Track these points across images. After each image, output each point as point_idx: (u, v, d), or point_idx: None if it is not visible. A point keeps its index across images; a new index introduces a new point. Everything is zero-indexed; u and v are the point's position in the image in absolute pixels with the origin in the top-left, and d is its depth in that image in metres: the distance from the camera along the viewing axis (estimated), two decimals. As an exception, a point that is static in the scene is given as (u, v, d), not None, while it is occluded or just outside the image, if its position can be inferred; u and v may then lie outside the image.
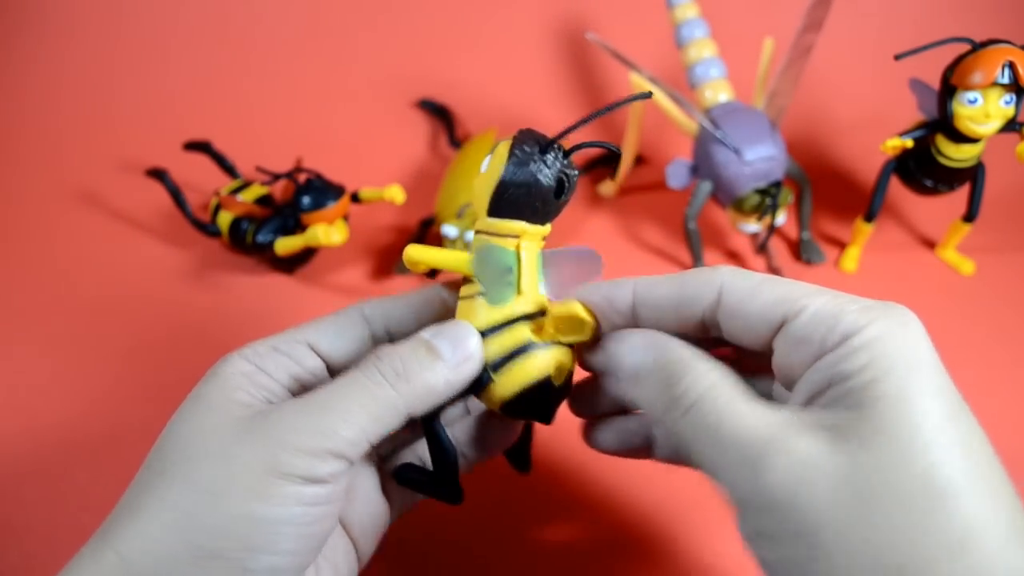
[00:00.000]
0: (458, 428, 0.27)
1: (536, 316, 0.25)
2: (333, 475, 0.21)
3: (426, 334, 0.24)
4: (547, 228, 0.25)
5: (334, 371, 0.26)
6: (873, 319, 0.20)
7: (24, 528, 0.34)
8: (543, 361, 0.24)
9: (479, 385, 0.24)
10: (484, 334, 0.24)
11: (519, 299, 0.24)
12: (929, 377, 0.19)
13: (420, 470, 0.26)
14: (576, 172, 0.25)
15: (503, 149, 0.24)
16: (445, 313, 0.26)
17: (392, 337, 0.26)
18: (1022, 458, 0.36)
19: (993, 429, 0.19)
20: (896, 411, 0.18)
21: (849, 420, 0.19)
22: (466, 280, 0.25)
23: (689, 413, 0.21)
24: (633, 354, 0.23)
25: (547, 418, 0.25)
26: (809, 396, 0.20)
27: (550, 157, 0.23)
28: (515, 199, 0.23)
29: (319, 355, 0.25)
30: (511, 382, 0.24)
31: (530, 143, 0.23)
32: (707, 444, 0.21)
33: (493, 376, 0.24)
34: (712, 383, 0.21)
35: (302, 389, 0.24)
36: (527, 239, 0.24)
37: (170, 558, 0.20)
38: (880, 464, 0.18)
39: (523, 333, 0.24)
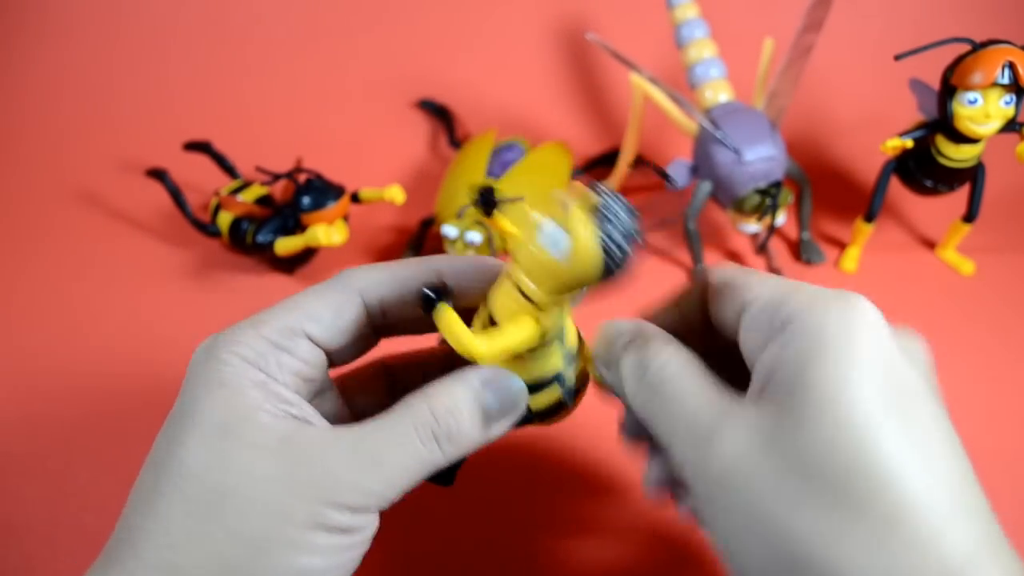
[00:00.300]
0: None
1: (575, 355, 0.25)
2: (369, 523, 0.22)
3: (481, 386, 0.23)
4: None
5: (331, 356, 0.25)
6: (815, 305, 0.20)
7: (24, 528, 0.34)
8: (576, 404, 0.26)
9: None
10: (531, 388, 0.24)
11: (565, 347, 0.24)
12: (865, 363, 0.19)
13: None
14: None
15: (591, 245, 0.19)
16: None
17: (386, 314, 0.25)
18: (1022, 457, 0.36)
19: (993, 428, 0.19)
20: (824, 399, 0.19)
21: (783, 408, 0.19)
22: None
23: (645, 379, 0.22)
24: (603, 343, 0.25)
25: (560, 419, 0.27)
26: (761, 384, 0.21)
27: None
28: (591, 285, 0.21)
29: (317, 344, 0.24)
30: (548, 421, 0.26)
31: (622, 242, 0.19)
32: (661, 417, 0.22)
33: (534, 418, 0.25)
34: (667, 359, 0.22)
35: (304, 384, 0.24)
36: None
37: None
38: (806, 453, 0.19)
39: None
